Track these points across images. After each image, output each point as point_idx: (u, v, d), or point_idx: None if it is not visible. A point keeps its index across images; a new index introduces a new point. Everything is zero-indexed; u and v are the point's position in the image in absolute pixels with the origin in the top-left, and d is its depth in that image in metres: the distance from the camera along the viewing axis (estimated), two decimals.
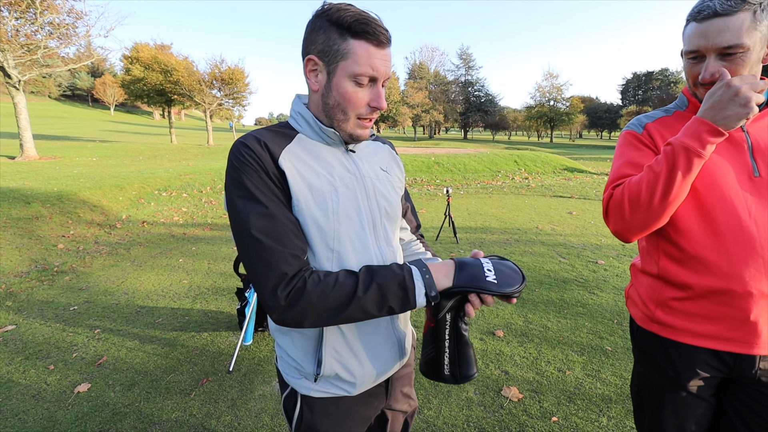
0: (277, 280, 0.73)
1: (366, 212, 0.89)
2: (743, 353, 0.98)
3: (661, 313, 1.08)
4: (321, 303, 0.73)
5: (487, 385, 2.42)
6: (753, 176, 0.96)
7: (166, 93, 24.22)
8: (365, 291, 0.73)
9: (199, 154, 18.03)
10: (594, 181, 12.16)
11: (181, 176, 9.26)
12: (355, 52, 0.77)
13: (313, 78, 0.83)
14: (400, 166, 1.09)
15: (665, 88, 61.23)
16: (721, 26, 0.89)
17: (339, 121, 0.84)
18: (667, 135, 1.06)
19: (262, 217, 0.74)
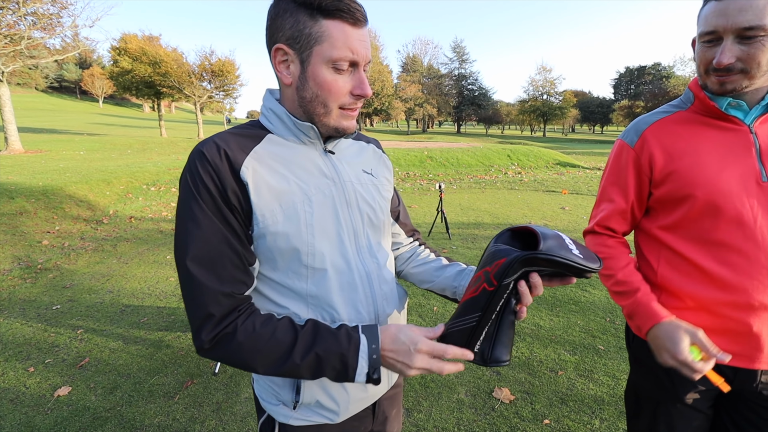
0: (202, 321, 0.66)
1: (346, 222, 0.80)
2: (745, 367, 0.94)
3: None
4: (250, 357, 0.67)
5: (479, 386, 2.39)
6: (761, 181, 0.90)
7: (155, 85, 23.76)
8: (302, 358, 0.66)
9: (189, 147, 17.76)
10: (586, 175, 12.18)
11: (171, 170, 9.09)
12: (330, 34, 0.67)
13: (284, 70, 0.73)
14: (388, 166, 1.00)
15: (657, 82, 61.47)
16: (743, 4, 0.82)
17: (320, 115, 0.74)
18: (666, 142, 0.99)
19: (199, 245, 0.66)
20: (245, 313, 0.70)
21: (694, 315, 0.97)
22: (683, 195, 0.96)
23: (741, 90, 0.90)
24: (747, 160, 0.91)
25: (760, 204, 0.89)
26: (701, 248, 0.95)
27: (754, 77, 0.88)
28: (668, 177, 0.98)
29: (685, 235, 0.97)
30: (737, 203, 0.90)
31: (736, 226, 0.90)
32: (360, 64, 0.72)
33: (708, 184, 0.92)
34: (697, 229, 0.95)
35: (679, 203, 0.98)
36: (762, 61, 0.85)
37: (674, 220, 0.99)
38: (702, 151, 0.95)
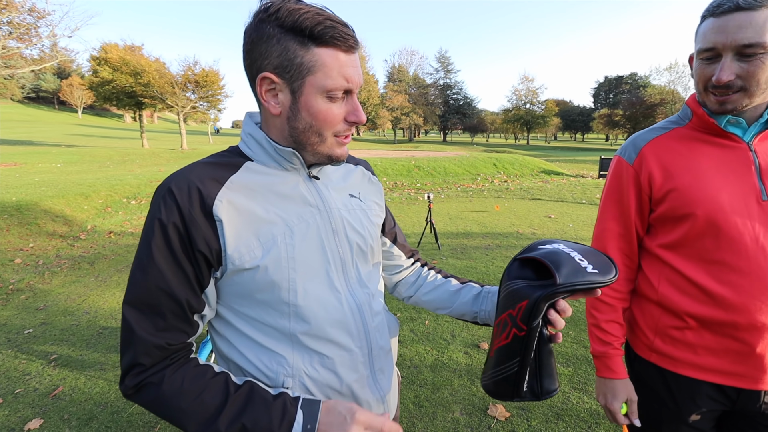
0: (128, 368, 0.64)
1: (333, 253, 0.75)
2: (748, 388, 0.93)
3: (660, 342, 1.02)
4: (174, 413, 0.63)
5: (473, 403, 2.33)
6: (761, 200, 0.89)
7: (137, 95, 23.38)
8: (226, 427, 0.61)
9: (172, 158, 17.47)
10: (570, 183, 12.38)
11: (153, 182, 8.88)
12: (324, 63, 0.64)
13: (271, 99, 0.68)
14: (378, 188, 0.95)
15: (634, 91, 63.51)
16: (743, 21, 0.81)
17: (314, 144, 0.71)
18: (664, 158, 0.98)
19: (140, 290, 0.64)
20: (176, 364, 0.66)
21: (696, 335, 0.95)
22: (683, 213, 0.94)
23: (741, 109, 0.90)
24: (747, 178, 0.90)
25: (761, 223, 0.88)
26: (702, 268, 0.93)
27: (754, 95, 0.87)
28: (668, 195, 0.97)
29: (686, 254, 0.96)
30: (738, 222, 0.89)
31: (738, 245, 0.89)
32: (354, 91, 0.69)
33: (708, 203, 0.91)
34: (698, 248, 0.94)
35: (679, 222, 0.96)
36: (761, 79, 0.84)
37: (675, 239, 0.97)
38: (701, 168, 0.94)
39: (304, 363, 0.71)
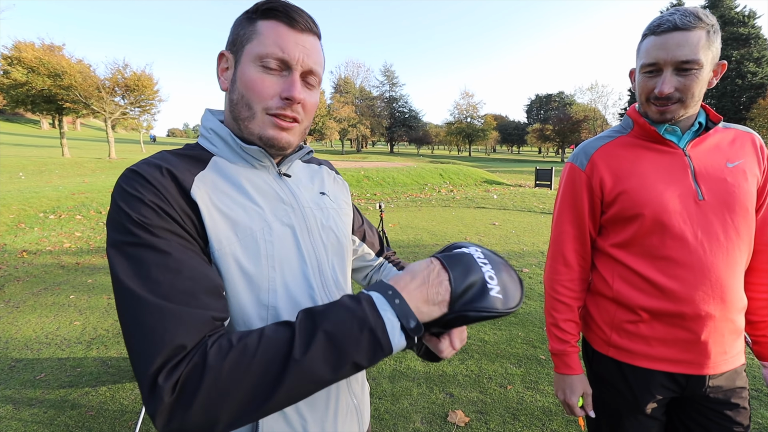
0: (165, 359, 0.46)
1: (308, 252, 0.70)
2: (695, 374, 1.01)
3: (617, 336, 1.08)
4: (235, 383, 0.46)
5: (433, 411, 2.33)
6: (698, 200, 0.98)
7: (56, 99, 21.10)
8: (306, 347, 0.47)
9: (98, 168, 15.97)
10: (511, 192, 13.12)
11: (75, 195, 8.01)
12: (260, 32, 0.64)
13: (223, 76, 0.69)
14: (344, 186, 0.93)
15: (562, 108, 69.47)
16: (680, 40, 0.91)
17: (245, 120, 0.66)
18: (612, 164, 1.06)
19: (160, 271, 0.51)
20: (214, 335, 0.51)
21: (648, 327, 1.02)
22: (632, 214, 1.02)
23: (678, 118, 0.99)
24: (684, 181, 0.99)
25: (699, 221, 0.97)
26: (651, 264, 1.01)
27: (689, 106, 0.97)
28: (618, 197, 1.04)
29: (636, 252, 1.03)
30: (680, 221, 0.97)
31: (680, 241, 0.97)
32: (293, 66, 0.65)
33: (654, 204, 0.99)
34: (646, 245, 1.01)
35: (628, 222, 1.04)
36: (695, 92, 0.95)
37: (625, 238, 1.05)
38: (645, 172, 1.02)
39: None
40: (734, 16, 37.18)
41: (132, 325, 0.49)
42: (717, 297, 0.96)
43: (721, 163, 1.00)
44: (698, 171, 1.00)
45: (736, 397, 1.02)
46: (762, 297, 1.07)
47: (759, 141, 1.06)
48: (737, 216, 0.97)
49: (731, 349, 1.01)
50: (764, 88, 35.72)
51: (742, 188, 0.98)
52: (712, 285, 0.96)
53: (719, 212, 0.97)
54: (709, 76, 0.97)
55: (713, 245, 0.96)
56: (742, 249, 0.99)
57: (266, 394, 0.47)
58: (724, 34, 37.34)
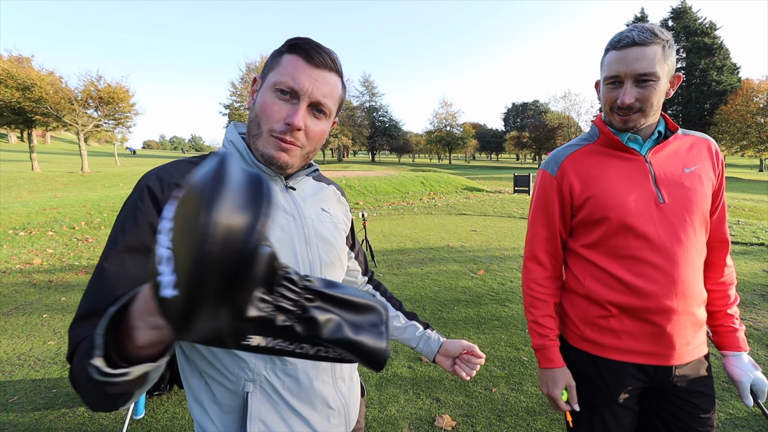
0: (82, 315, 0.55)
1: (303, 259, 0.76)
2: (662, 365, 1.08)
3: (590, 331, 1.14)
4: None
5: (420, 417, 2.35)
6: (659, 203, 1.06)
7: (25, 112, 20.37)
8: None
9: (71, 182, 15.47)
10: (491, 198, 13.36)
11: (46, 210, 7.74)
12: (282, 63, 0.73)
13: (251, 97, 0.79)
14: (346, 208, 0.99)
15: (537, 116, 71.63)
16: (638, 54, 0.99)
17: (254, 137, 0.74)
18: (580, 171, 1.14)
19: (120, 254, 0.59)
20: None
21: (618, 321, 1.09)
22: (600, 217, 1.09)
23: (639, 127, 1.07)
24: (646, 186, 1.07)
25: (661, 222, 1.05)
26: (618, 262, 1.08)
27: (648, 115, 1.05)
28: (586, 202, 1.12)
29: (604, 252, 1.11)
30: (643, 222, 1.05)
31: (644, 241, 1.04)
32: (302, 96, 0.72)
33: (619, 207, 1.06)
34: (613, 246, 1.09)
35: (596, 224, 1.11)
36: (654, 102, 1.03)
37: (594, 240, 1.12)
38: (611, 178, 1.10)
39: (266, 369, 0.71)
40: (698, 27, 39.33)
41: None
42: (679, 292, 1.03)
43: (679, 168, 1.08)
44: (658, 176, 1.07)
45: (700, 385, 1.10)
46: (718, 288, 1.16)
47: (714, 147, 1.14)
48: (694, 217, 1.05)
49: (694, 341, 1.08)
50: (726, 95, 37.75)
51: (698, 191, 1.06)
52: (674, 281, 1.03)
53: (679, 214, 1.04)
54: (666, 87, 1.04)
55: (674, 244, 1.03)
56: (698, 247, 1.06)
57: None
58: (689, 44, 39.38)
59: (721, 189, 1.14)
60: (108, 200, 9.02)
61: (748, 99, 34.57)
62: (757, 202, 12.64)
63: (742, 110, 34.37)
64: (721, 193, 1.14)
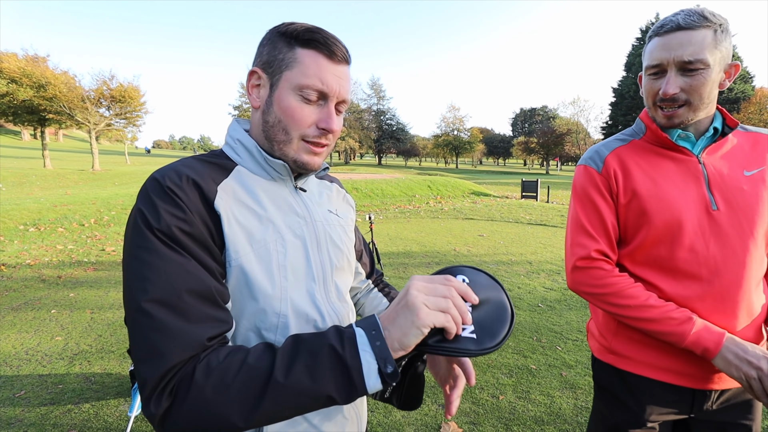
0: (164, 374, 0.50)
1: (316, 264, 0.73)
2: (700, 388, 0.96)
3: (618, 343, 1.04)
4: (218, 399, 0.49)
5: (426, 423, 2.32)
6: (711, 210, 0.93)
7: (39, 110, 20.72)
8: (285, 375, 0.50)
9: (81, 180, 15.68)
10: (498, 203, 13.29)
11: (57, 207, 7.83)
12: (302, 61, 0.66)
13: (254, 93, 0.71)
14: (352, 204, 0.96)
15: (545, 122, 71.32)
16: (684, 39, 0.88)
17: (280, 143, 0.69)
18: (625, 168, 1.01)
19: (166, 283, 0.53)
20: (207, 351, 0.55)
21: (649, 336, 0.98)
22: (643, 222, 0.98)
23: (687, 123, 0.95)
24: (698, 190, 0.95)
25: (712, 232, 0.92)
26: (658, 272, 0.97)
27: (697, 109, 0.93)
28: (630, 202, 1.00)
29: (643, 260, 0.99)
30: (691, 232, 0.93)
31: (690, 253, 0.93)
32: (330, 97, 0.69)
33: (665, 212, 0.94)
34: (654, 255, 0.97)
35: (638, 229, 0.99)
36: (703, 93, 0.90)
37: (633, 246, 1.01)
38: (659, 179, 0.98)
39: None
40: None
41: (136, 337, 0.53)
42: (727, 311, 0.91)
43: (738, 170, 0.95)
44: (712, 179, 0.95)
45: (743, 416, 0.97)
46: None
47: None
48: (755, 227, 0.92)
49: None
50: (739, 103, 37.29)
51: (761, 198, 0.93)
52: (722, 298, 0.91)
53: (735, 223, 0.92)
54: (719, 78, 0.92)
55: (727, 258, 0.91)
56: (758, 262, 0.93)
57: (247, 411, 0.50)
58: None
59: None
60: (117, 198, 9.12)
61: (761, 107, 34.15)
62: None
63: (755, 118, 33.95)
64: None
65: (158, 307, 0.52)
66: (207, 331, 0.55)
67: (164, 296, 0.53)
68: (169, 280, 0.53)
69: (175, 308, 0.53)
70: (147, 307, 0.52)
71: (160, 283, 0.53)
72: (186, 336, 0.52)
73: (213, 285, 0.57)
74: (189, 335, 0.52)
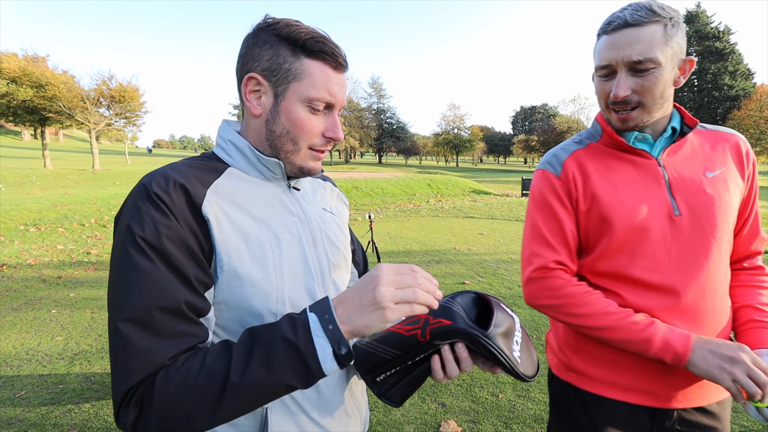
0: (131, 388, 0.53)
1: (314, 263, 0.73)
2: (661, 407, 0.91)
3: (578, 360, 0.98)
4: (180, 402, 0.52)
5: (426, 422, 2.32)
6: (673, 215, 0.88)
7: (39, 110, 20.73)
8: (242, 374, 0.52)
9: (81, 180, 15.69)
10: (498, 202, 13.28)
11: (57, 207, 7.84)
12: (311, 73, 0.66)
13: (254, 100, 0.69)
14: (345, 202, 0.96)
15: (546, 120, 71.22)
16: (632, 37, 0.82)
17: (288, 152, 0.70)
18: (583, 173, 0.96)
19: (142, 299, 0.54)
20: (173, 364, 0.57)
21: (613, 351, 0.92)
22: (604, 230, 0.92)
23: (643, 125, 0.90)
24: (660, 194, 0.89)
25: (674, 239, 0.87)
26: (620, 285, 0.91)
27: (652, 110, 0.87)
28: (591, 209, 0.94)
29: (605, 272, 0.93)
30: (653, 239, 0.88)
31: (651, 262, 0.88)
32: (335, 107, 0.70)
33: (627, 219, 0.89)
34: (615, 265, 0.91)
35: (599, 238, 0.94)
36: (656, 94, 0.85)
37: (595, 257, 0.95)
38: (619, 184, 0.92)
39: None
40: (710, 32, 38.81)
41: (111, 354, 0.55)
42: (691, 322, 0.86)
43: (700, 172, 0.90)
44: (673, 182, 0.90)
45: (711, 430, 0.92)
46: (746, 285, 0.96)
47: (744, 145, 0.95)
48: (718, 232, 0.87)
49: (708, 382, 0.88)
50: (739, 100, 37.20)
51: (723, 200, 0.88)
52: (685, 309, 0.86)
53: (698, 228, 0.87)
54: (673, 75, 0.86)
55: (690, 266, 0.86)
56: (723, 269, 0.89)
57: (209, 412, 0.53)
58: (701, 48, 38.87)
59: (753, 197, 0.95)
60: (118, 198, 9.12)
61: (762, 104, 34.04)
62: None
63: (755, 116, 33.83)
64: (752, 201, 0.95)
65: (130, 326, 0.54)
66: (176, 347, 0.56)
67: (136, 314, 0.54)
68: (143, 297, 0.54)
69: (146, 326, 0.54)
70: (120, 327, 0.54)
71: (134, 301, 0.54)
72: (153, 354, 0.54)
73: (186, 299, 0.57)
74: (156, 353, 0.54)
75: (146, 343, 0.54)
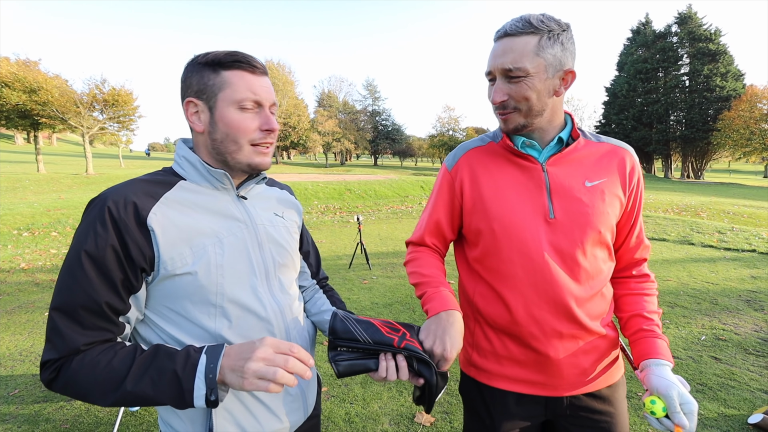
0: (48, 361, 0.70)
1: (258, 262, 0.85)
2: (551, 396, 0.97)
3: (477, 355, 1.04)
4: (82, 384, 0.68)
5: (401, 413, 2.45)
6: (548, 218, 0.94)
7: (32, 115, 20.68)
8: (134, 384, 0.67)
9: (75, 184, 15.70)
10: None
11: (50, 211, 7.91)
12: (231, 81, 0.78)
13: (195, 120, 0.81)
14: (299, 210, 1.06)
15: None
16: (507, 47, 0.87)
17: (232, 153, 0.81)
18: (474, 171, 1.02)
19: (71, 295, 0.70)
20: (90, 349, 0.71)
21: (502, 345, 0.99)
22: (483, 227, 0.99)
23: (521, 128, 0.94)
24: (539, 198, 0.95)
25: (548, 239, 0.93)
26: (500, 279, 0.97)
27: (529, 115, 0.91)
28: (474, 206, 1.01)
29: (489, 267, 1.00)
30: (528, 238, 0.93)
31: (526, 259, 0.93)
32: (264, 104, 0.81)
33: (503, 219, 0.95)
34: (495, 261, 0.97)
35: (480, 234, 1.00)
36: (531, 99, 0.89)
37: (480, 252, 1.01)
38: (503, 185, 0.98)
39: None
40: (702, 33, 39.22)
41: (47, 329, 0.71)
42: (563, 316, 0.93)
43: (579, 181, 0.96)
44: (554, 188, 0.95)
45: (604, 420, 0.98)
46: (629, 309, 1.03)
47: (630, 160, 0.99)
48: (587, 237, 0.93)
49: (593, 369, 0.97)
50: (730, 101, 37.62)
51: (596, 209, 0.94)
52: (560, 304, 0.92)
53: (568, 231, 0.93)
54: (550, 85, 0.89)
55: (562, 265, 0.93)
56: (590, 270, 0.95)
57: (101, 398, 0.69)
58: (693, 50, 39.26)
59: (635, 210, 1.00)
60: None
61: (752, 105, 34.50)
62: (758, 208, 12.63)
63: (745, 116, 34.29)
64: (635, 215, 1.00)
65: (60, 314, 0.69)
66: (92, 337, 0.71)
67: (65, 308, 0.69)
68: (72, 296, 0.69)
69: (71, 318, 0.69)
70: (53, 314, 0.70)
71: (66, 297, 0.70)
72: (73, 340, 0.69)
73: (107, 301, 0.70)
74: (75, 339, 0.69)
75: (69, 330, 0.69)
